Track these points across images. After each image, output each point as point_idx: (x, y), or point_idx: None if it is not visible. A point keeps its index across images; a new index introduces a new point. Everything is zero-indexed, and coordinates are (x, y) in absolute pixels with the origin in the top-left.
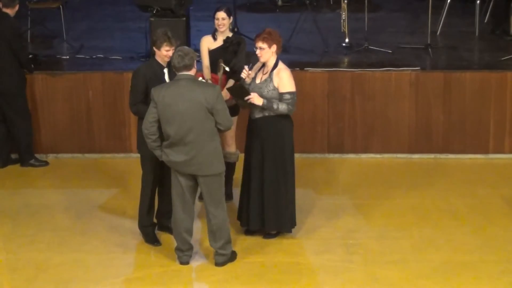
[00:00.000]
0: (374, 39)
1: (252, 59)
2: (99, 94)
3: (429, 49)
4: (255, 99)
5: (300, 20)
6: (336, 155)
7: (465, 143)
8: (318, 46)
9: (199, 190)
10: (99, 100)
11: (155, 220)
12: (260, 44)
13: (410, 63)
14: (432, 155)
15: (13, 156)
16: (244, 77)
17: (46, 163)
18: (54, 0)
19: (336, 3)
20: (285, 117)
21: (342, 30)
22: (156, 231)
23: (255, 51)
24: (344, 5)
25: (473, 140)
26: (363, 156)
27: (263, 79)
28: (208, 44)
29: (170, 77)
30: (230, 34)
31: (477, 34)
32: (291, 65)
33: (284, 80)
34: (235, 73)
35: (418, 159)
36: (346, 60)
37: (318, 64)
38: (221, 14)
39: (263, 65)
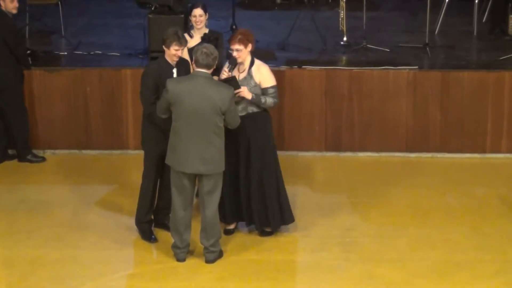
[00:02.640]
0: (372, 38)
1: (230, 60)
2: (97, 90)
3: (427, 48)
4: (245, 92)
5: (299, 18)
6: (333, 153)
7: (462, 143)
8: (316, 44)
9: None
10: (96, 97)
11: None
12: (236, 46)
13: (408, 62)
14: (429, 154)
15: (11, 152)
16: (224, 78)
17: (43, 159)
18: None
19: (334, 2)
20: (265, 113)
21: (340, 29)
22: (153, 228)
23: (231, 53)
24: (342, 3)
25: (470, 139)
26: (360, 154)
27: (242, 77)
28: None
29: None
30: (206, 30)
31: (475, 33)
32: (288, 62)
33: (265, 75)
34: (217, 69)
35: (415, 158)
36: (344, 58)
37: (316, 62)
38: (198, 11)
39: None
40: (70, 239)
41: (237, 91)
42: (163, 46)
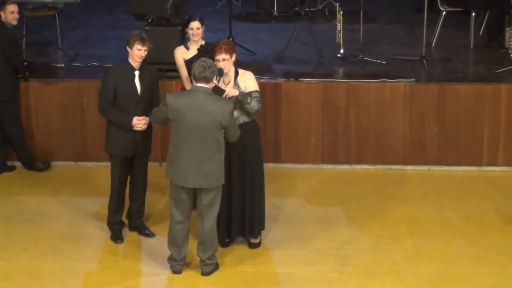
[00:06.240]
0: (369, 51)
1: (218, 71)
2: (94, 102)
3: (424, 61)
4: (232, 91)
5: (296, 31)
6: (330, 166)
7: (459, 155)
8: (313, 57)
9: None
10: (93, 108)
11: (125, 220)
12: (223, 56)
13: (405, 74)
14: (425, 167)
15: (9, 163)
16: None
17: (49, 165)
18: (50, 8)
19: (331, 14)
20: (256, 124)
21: (337, 41)
22: (127, 232)
23: (216, 65)
24: (339, 16)
25: (467, 152)
26: (357, 167)
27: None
28: (182, 54)
29: (141, 81)
30: (203, 42)
31: (472, 46)
32: (285, 75)
33: (250, 81)
34: None
35: (412, 171)
36: (341, 71)
37: (313, 74)
38: (196, 24)
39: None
40: (66, 251)
41: (224, 94)
42: (127, 47)
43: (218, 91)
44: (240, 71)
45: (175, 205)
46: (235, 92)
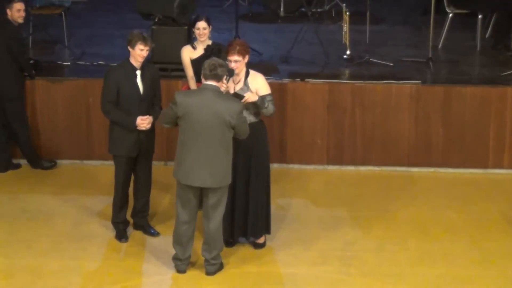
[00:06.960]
0: (375, 52)
1: (228, 71)
2: (99, 101)
3: (430, 63)
4: (251, 96)
5: (302, 31)
6: (335, 167)
7: (464, 158)
8: (319, 58)
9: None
10: (99, 107)
11: (130, 219)
12: (236, 57)
13: (411, 76)
14: (431, 169)
15: (15, 161)
16: (222, 90)
17: (55, 163)
18: (57, 7)
19: (338, 15)
20: (263, 124)
21: (343, 42)
22: (132, 230)
23: (228, 64)
24: (346, 17)
25: (473, 154)
26: (362, 168)
27: (238, 88)
28: (189, 54)
29: (143, 80)
30: (210, 42)
31: (478, 49)
32: (291, 75)
33: (262, 84)
34: None
35: (417, 173)
36: (347, 72)
37: (319, 75)
38: (202, 24)
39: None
40: (71, 250)
41: (243, 100)
42: (128, 47)
43: (238, 97)
44: (251, 72)
45: (181, 205)
46: (254, 98)
